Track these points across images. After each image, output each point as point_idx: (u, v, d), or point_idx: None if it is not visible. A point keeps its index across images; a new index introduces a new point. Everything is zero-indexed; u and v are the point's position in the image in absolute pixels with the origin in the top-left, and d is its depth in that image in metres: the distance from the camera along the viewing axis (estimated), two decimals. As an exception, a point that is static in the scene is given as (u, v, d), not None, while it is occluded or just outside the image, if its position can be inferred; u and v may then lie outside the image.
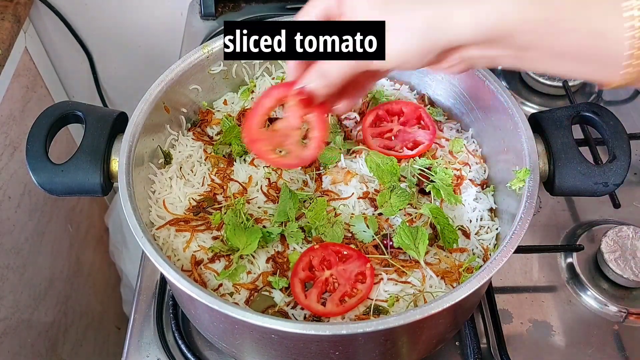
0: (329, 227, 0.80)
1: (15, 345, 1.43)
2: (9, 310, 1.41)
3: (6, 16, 1.33)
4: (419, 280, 0.76)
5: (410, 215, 0.83)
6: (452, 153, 0.91)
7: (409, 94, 1.00)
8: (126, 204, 0.72)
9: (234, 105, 0.99)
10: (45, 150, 0.79)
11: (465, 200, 0.85)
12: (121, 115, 0.84)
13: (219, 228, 0.82)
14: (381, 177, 0.85)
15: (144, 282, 0.94)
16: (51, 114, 0.81)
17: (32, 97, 1.54)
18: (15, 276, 1.43)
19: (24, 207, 1.48)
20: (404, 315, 0.63)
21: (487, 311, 0.92)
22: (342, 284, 0.75)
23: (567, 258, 1.00)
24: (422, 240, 0.77)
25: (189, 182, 0.88)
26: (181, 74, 0.89)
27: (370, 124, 0.92)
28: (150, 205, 0.84)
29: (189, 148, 0.92)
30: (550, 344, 0.90)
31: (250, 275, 0.78)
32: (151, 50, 1.66)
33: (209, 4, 1.40)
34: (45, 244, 1.58)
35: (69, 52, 1.64)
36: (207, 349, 0.87)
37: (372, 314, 0.73)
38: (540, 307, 0.94)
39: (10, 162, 1.42)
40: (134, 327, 0.89)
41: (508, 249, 0.68)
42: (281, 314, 0.74)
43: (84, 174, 0.78)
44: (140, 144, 0.81)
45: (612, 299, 0.94)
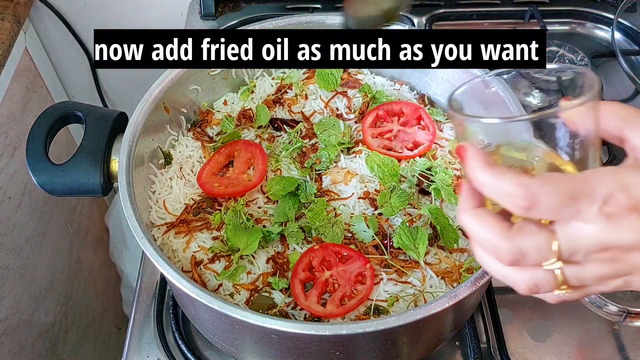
0: (329, 227, 0.80)
1: (16, 346, 1.43)
2: (10, 311, 1.40)
3: (6, 16, 1.33)
4: (419, 281, 0.76)
5: (410, 215, 0.83)
6: (452, 153, 0.91)
7: (409, 94, 1.00)
8: (126, 204, 0.72)
9: (234, 105, 0.99)
10: (45, 150, 0.79)
11: (465, 200, 0.85)
12: (121, 115, 0.84)
13: (219, 228, 0.82)
14: (381, 178, 0.85)
15: (144, 283, 0.94)
16: (51, 114, 0.81)
17: (32, 97, 1.54)
18: (16, 276, 1.43)
19: (24, 207, 1.48)
20: (404, 315, 0.63)
21: (487, 311, 0.91)
22: (342, 285, 0.75)
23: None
24: (422, 240, 0.77)
25: (189, 182, 0.88)
26: (181, 74, 0.89)
27: (370, 124, 0.92)
28: (150, 206, 0.84)
29: (189, 148, 0.92)
30: (550, 344, 0.90)
31: (250, 275, 0.78)
32: (151, 50, 1.65)
33: (209, 4, 1.40)
34: (45, 244, 1.58)
35: (69, 52, 1.64)
36: (207, 349, 0.87)
37: (372, 314, 0.73)
38: (540, 307, 0.94)
39: (10, 162, 1.42)
40: (134, 327, 0.89)
41: (508, 249, 0.68)
42: (281, 315, 0.74)
43: (84, 174, 0.78)
44: (140, 144, 0.81)
45: (612, 299, 0.94)
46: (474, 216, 0.49)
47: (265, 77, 1.01)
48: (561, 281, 0.48)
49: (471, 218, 0.49)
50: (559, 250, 0.46)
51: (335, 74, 0.98)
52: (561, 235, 0.46)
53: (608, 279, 0.48)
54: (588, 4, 1.42)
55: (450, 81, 0.94)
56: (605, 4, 1.41)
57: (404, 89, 1.00)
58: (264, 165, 0.87)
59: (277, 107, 0.98)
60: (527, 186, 0.45)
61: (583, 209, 0.45)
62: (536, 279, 0.48)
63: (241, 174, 0.87)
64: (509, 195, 0.46)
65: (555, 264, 0.47)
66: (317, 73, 0.99)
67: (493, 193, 0.47)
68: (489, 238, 0.48)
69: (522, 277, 0.49)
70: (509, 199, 0.46)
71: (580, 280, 0.48)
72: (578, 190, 0.45)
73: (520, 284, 0.49)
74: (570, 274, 0.48)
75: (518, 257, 0.47)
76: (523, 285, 0.49)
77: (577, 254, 0.47)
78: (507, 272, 0.49)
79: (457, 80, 0.93)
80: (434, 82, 0.97)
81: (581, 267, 0.47)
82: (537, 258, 0.47)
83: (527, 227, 0.47)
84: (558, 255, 0.46)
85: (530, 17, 1.37)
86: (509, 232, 0.47)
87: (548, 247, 0.46)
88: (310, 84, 1.00)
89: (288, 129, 0.94)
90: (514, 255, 0.47)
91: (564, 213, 0.45)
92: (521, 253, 0.47)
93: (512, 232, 0.47)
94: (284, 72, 1.02)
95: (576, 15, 1.41)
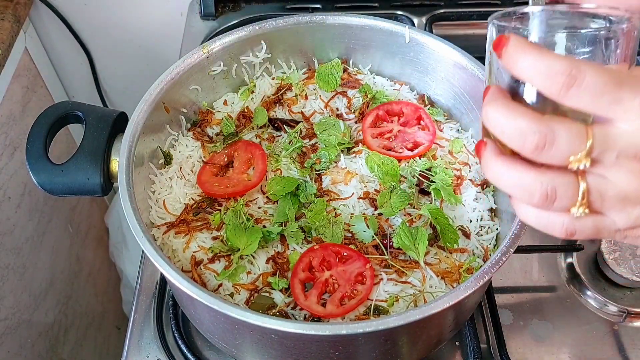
0: (329, 228, 0.80)
1: (16, 346, 1.43)
2: (9, 311, 1.40)
3: (6, 16, 1.33)
4: (419, 281, 0.76)
5: (410, 215, 0.83)
6: (452, 153, 0.91)
7: (409, 94, 1.00)
8: (126, 204, 0.72)
9: (234, 105, 0.99)
10: (45, 150, 0.79)
11: (466, 200, 0.85)
12: (121, 115, 0.84)
13: (219, 228, 0.82)
14: (381, 178, 0.85)
15: (144, 282, 0.94)
16: (51, 114, 0.81)
17: (32, 97, 1.54)
18: (16, 276, 1.43)
19: (24, 207, 1.48)
20: (404, 315, 0.63)
21: (487, 311, 0.92)
22: (342, 285, 0.75)
23: (567, 258, 1.00)
24: (421, 240, 0.77)
25: (189, 182, 0.88)
26: (181, 74, 0.89)
27: (370, 124, 0.92)
28: (150, 206, 0.84)
29: (189, 148, 0.92)
30: (550, 344, 0.90)
31: (250, 275, 0.78)
32: (151, 50, 1.65)
33: (209, 4, 1.40)
34: (45, 244, 1.58)
35: (69, 52, 1.64)
36: (207, 349, 0.87)
37: (372, 314, 0.73)
38: (540, 307, 0.94)
39: (10, 162, 1.42)
40: (134, 327, 0.89)
41: (508, 249, 0.68)
42: (281, 315, 0.74)
43: (84, 174, 0.78)
44: (140, 144, 0.81)
45: (612, 299, 0.94)
46: (503, 106, 0.45)
47: (265, 77, 1.01)
48: (582, 192, 0.45)
49: (499, 108, 0.45)
50: (591, 145, 0.43)
51: (335, 74, 0.98)
52: (597, 129, 0.43)
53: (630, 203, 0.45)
54: (588, 4, 1.42)
55: (450, 81, 0.94)
56: (605, 4, 1.41)
57: (404, 89, 1.00)
58: (264, 165, 0.87)
59: (277, 107, 0.98)
60: (573, 63, 0.42)
61: (625, 99, 0.42)
62: (556, 182, 0.45)
63: (241, 174, 0.87)
64: (550, 75, 0.43)
65: (583, 161, 0.43)
66: (317, 73, 0.99)
67: (528, 73, 0.44)
68: (517, 124, 0.44)
69: (541, 180, 0.45)
70: (549, 79, 0.43)
71: (602, 195, 0.45)
72: (622, 79, 0.42)
73: (537, 187, 0.45)
74: (593, 184, 0.44)
75: (547, 140, 0.43)
76: (540, 188, 0.45)
77: (609, 153, 0.43)
78: (523, 170, 0.45)
79: (457, 80, 0.93)
80: (434, 82, 0.97)
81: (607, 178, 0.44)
82: (567, 146, 0.43)
83: (563, 118, 0.44)
84: (589, 150, 0.43)
85: (530, 17, 1.37)
86: (542, 117, 0.44)
87: (581, 136, 0.43)
88: (310, 84, 1.00)
89: (288, 129, 0.94)
90: (544, 136, 0.43)
91: (605, 99, 0.42)
92: (552, 135, 0.43)
93: (545, 117, 0.44)
94: (283, 72, 1.02)
95: (576, 15, 1.41)
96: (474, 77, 0.88)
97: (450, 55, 0.91)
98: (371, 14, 1.00)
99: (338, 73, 0.98)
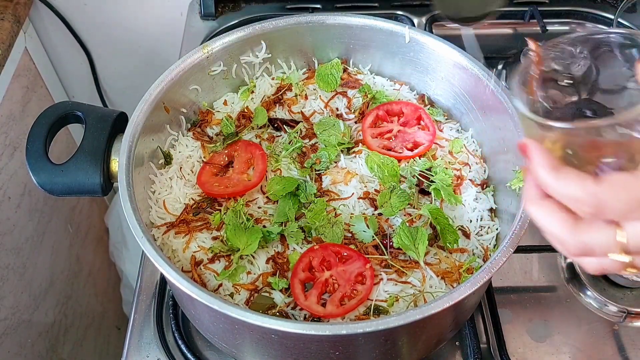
0: (329, 228, 0.80)
1: (16, 346, 1.43)
2: (9, 311, 1.40)
3: (6, 16, 1.33)
4: (419, 281, 0.76)
5: (410, 215, 0.83)
6: (452, 153, 0.91)
7: (409, 94, 1.00)
8: (126, 204, 0.72)
9: (234, 105, 0.99)
10: (45, 150, 0.79)
11: (465, 200, 0.85)
12: (121, 115, 0.84)
13: (219, 228, 0.82)
14: (381, 178, 0.85)
15: (144, 282, 0.94)
16: (51, 114, 0.81)
17: (32, 97, 1.54)
18: (16, 276, 1.43)
19: (24, 207, 1.48)
20: (404, 315, 0.63)
21: (487, 311, 0.91)
22: (342, 285, 0.75)
23: (567, 258, 1.00)
24: (421, 240, 0.77)
25: (189, 182, 0.88)
26: (181, 74, 0.89)
27: (370, 124, 0.92)
28: (150, 206, 0.84)
29: (189, 148, 0.92)
30: (550, 344, 0.90)
31: (250, 275, 0.78)
32: (151, 50, 1.65)
33: (209, 4, 1.40)
34: (45, 244, 1.58)
35: (69, 52, 1.64)
36: (207, 349, 0.87)
37: (372, 314, 0.73)
38: (540, 307, 0.94)
39: (10, 162, 1.42)
40: (134, 327, 0.89)
41: (508, 249, 0.68)
42: (281, 315, 0.74)
43: (84, 174, 0.78)
44: (140, 144, 0.81)
45: (612, 299, 0.94)
46: (541, 207, 0.50)
47: (265, 77, 1.01)
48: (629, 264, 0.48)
49: (538, 209, 0.51)
50: (627, 244, 0.47)
51: (335, 74, 0.98)
52: (629, 230, 0.46)
53: None
54: (588, 5, 1.42)
55: (450, 81, 0.94)
56: (605, 4, 1.41)
57: (404, 89, 1.00)
58: (264, 165, 0.87)
59: (277, 107, 0.98)
60: (594, 194, 0.45)
61: None
62: (604, 264, 0.49)
63: (241, 174, 0.87)
64: (575, 199, 0.47)
65: (622, 257, 0.47)
66: (317, 73, 0.99)
67: (559, 196, 0.48)
68: (556, 232, 0.49)
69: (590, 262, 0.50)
70: (575, 203, 0.47)
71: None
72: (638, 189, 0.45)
73: (588, 268, 0.51)
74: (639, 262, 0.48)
75: (584, 252, 0.48)
76: (591, 269, 0.50)
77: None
78: (575, 258, 0.51)
79: (457, 80, 0.93)
80: (433, 82, 0.97)
81: None
82: (603, 252, 0.48)
83: (594, 223, 0.47)
84: (625, 249, 0.47)
85: (530, 17, 1.37)
86: (575, 228, 0.48)
87: (614, 243, 0.47)
88: (310, 84, 1.00)
89: (288, 129, 0.94)
90: (580, 250, 0.48)
91: (633, 215, 0.46)
92: (587, 248, 0.48)
93: (578, 227, 0.48)
94: (283, 72, 1.02)
95: (576, 15, 1.41)
96: (474, 77, 0.88)
97: (450, 55, 0.91)
98: (371, 14, 1.00)
99: (338, 73, 0.98)
